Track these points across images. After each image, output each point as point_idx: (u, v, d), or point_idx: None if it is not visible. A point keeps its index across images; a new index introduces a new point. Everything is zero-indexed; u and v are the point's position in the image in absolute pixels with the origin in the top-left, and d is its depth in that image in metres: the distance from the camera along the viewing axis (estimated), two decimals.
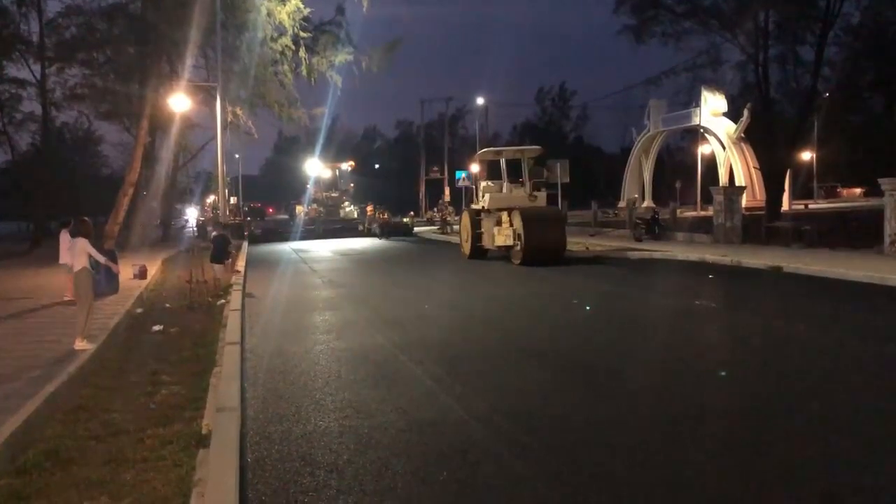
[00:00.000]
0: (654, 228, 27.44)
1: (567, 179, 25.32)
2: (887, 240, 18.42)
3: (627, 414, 6.63)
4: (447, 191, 54.34)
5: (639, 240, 26.72)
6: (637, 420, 6.43)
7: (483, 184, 24.21)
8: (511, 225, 21.17)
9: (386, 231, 37.23)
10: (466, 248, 24.13)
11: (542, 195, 22.55)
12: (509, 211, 21.42)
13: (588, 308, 12.81)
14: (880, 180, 18.91)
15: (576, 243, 25.43)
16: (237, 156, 69.98)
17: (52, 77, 33.42)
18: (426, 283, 18.15)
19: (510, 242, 21.25)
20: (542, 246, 20.21)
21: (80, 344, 9.21)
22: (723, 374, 8.08)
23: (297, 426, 6.43)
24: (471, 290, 16.11)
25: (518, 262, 20.68)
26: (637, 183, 53.31)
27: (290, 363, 8.98)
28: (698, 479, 5.01)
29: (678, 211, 34.67)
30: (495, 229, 22.02)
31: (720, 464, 5.31)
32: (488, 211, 22.61)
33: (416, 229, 40.35)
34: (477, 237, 23.17)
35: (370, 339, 10.39)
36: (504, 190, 23.04)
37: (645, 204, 47.43)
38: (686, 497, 4.71)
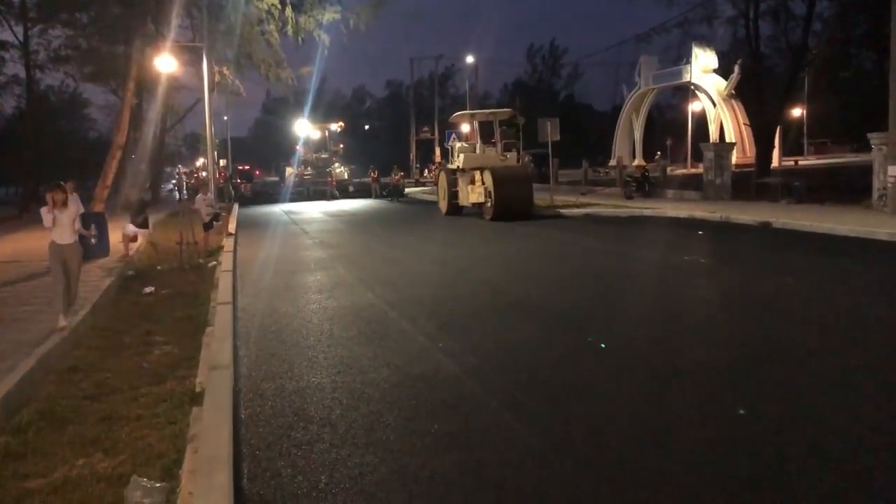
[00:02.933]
0: (644, 186, 27.49)
1: (557, 138, 25.22)
2: (875, 194, 18.51)
3: (617, 367, 6.72)
4: (438, 151, 54.09)
5: (629, 198, 26.78)
6: (626, 373, 6.52)
7: (458, 144, 25.90)
8: (483, 183, 22.72)
9: (391, 192, 37.17)
10: (444, 205, 25.73)
11: (512, 155, 24.17)
12: (481, 170, 22.87)
13: (578, 265, 12.89)
14: (869, 135, 18.94)
15: (567, 202, 25.53)
16: (225, 117, 69.27)
17: (36, 38, 32.92)
18: (414, 240, 18.22)
19: (482, 199, 22.87)
20: (511, 203, 21.67)
21: (60, 320, 8.35)
22: (710, 327, 8.19)
23: (290, 383, 6.50)
24: (458, 248, 16.20)
25: (489, 217, 22.08)
26: (628, 141, 53.09)
27: (282, 322, 9.03)
28: (686, 431, 5.10)
29: (668, 168, 34.69)
30: (469, 187, 23.67)
31: (708, 415, 5.41)
32: (463, 170, 24.05)
33: (406, 190, 40.23)
34: (453, 195, 24.78)
35: (361, 297, 10.45)
36: (477, 150, 24.58)
37: (635, 162, 47.33)
38: (672, 448, 4.80)
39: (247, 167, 66.72)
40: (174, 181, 49.43)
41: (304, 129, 45.66)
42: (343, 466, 4.64)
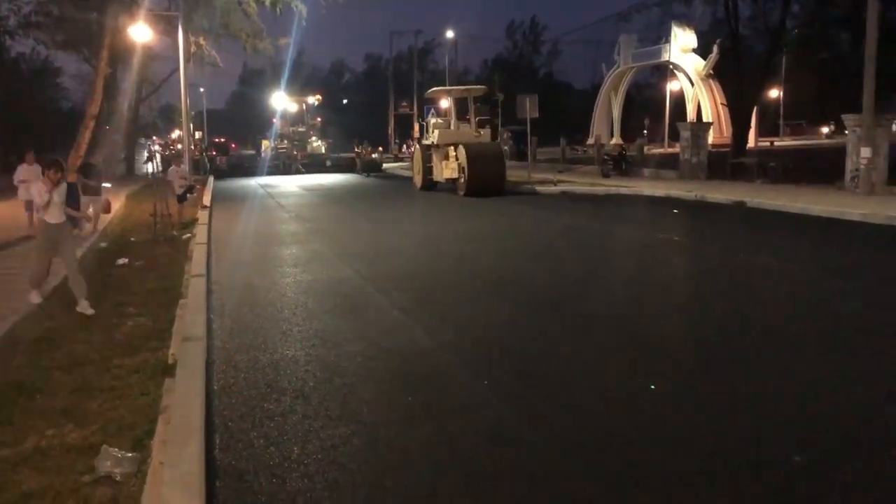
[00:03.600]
0: (621, 165, 27.58)
1: (536, 115, 25.21)
2: (848, 176, 18.72)
3: (589, 341, 6.78)
4: (416, 126, 53.85)
5: (606, 176, 26.86)
6: (598, 347, 6.59)
7: (433, 120, 26.26)
8: (457, 159, 23.12)
9: (364, 167, 36.89)
10: (418, 180, 26.04)
11: (486, 132, 24.71)
12: (456, 146, 23.22)
13: (554, 242, 12.96)
14: (844, 117, 19.12)
15: (544, 180, 25.57)
16: (201, 89, 68.45)
17: (6, 4, 32.15)
18: (390, 215, 18.20)
19: (456, 175, 23.28)
20: (484, 179, 22.02)
21: (33, 297, 8.26)
22: (682, 303, 8.29)
23: (264, 355, 6.49)
24: (434, 223, 16.26)
25: (463, 193, 22.44)
26: (606, 119, 53.17)
27: (256, 295, 9.00)
28: (654, 403, 5.17)
29: (646, 147, 34.81)
30: (443, 163, 24.01)
31: (679, 387, 5.48)
32: (437, 146, 24.32)
33: (385, 165, 40.06)
34: (428, 170, 25.06)
35: (337, 271, 10.43)
36: (452, 126, 24.91)
37: (613, 140, 47.45)
38: (639, 418, 4.87)
39: (222, 140, 65.92)
40: (147, 153, 48.65)
41: (282, 102, 45.19)
42: (316, 438, 4.65)
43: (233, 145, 66.80)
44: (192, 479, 3.83)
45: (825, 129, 63.55)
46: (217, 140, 64.25)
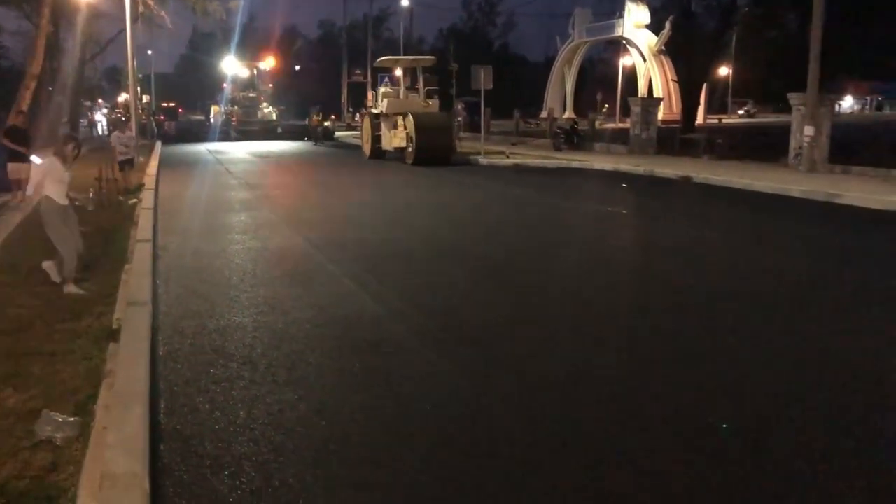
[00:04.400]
0: (573, 138, 27.79)
1: (490, 86, 25.15)
2: (792, 153, 19.17)
3: (537, 309, 6.89)
4: (370, 95, 53.30)
5: (558, 149, 27.06)
6: (548, 315, 6.70)
7: (382, 89, 26.77)
8: (405, 128, 23.45)
9: (313, 135, 36.40)
10: (367, 149, 26.29)
11: (434, 102, 25.12)
12: (404, 116, 23.59)
13: (504, 213, 13.05)
14: (789, 95, 19.52)
15: (497, 152, 25.65)
16: (149, 51, 66.57)
17: None
18: (341, 183, 18.16)
19: (404, 144, 23.61)
20: (431, 148, 22.41)
21: (70, 288, 7.30)
22: (626, 273, 8.46)
23: (211, 321, 6.44)
24: (385, 192, 16.27)
25: (410, 162, 22.77)
26: (559, 93, 53.36)
27: (204, 261, 8.90)
28: (602, 367, 5.29)
29: (597, 122, 35.08)
30: (392, 132, 24.33)
31: (623, 352, 5.61)
32: (386, 115, 24.75)
33: (337, 133, 39.68)
34: (376, 139, 25.46)
35: (287, 238, 10.36)
36: (401, 96, 25.35)
37: (566, 114, 47.68)
38: (587, 386, 4.98)
39: (171, 104, 64.48)
40: (87, 121, 46.98)
41: (232, 66, 44.32)
42: (262, 403, 4.65)
43: (181, 110, 65.36)
44: (135, 442, 3.80)
45: (740, 111, 65.14)
46: (165, 105, 62.78)
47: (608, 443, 4.10)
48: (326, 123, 37.72)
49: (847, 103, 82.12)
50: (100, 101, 62.81)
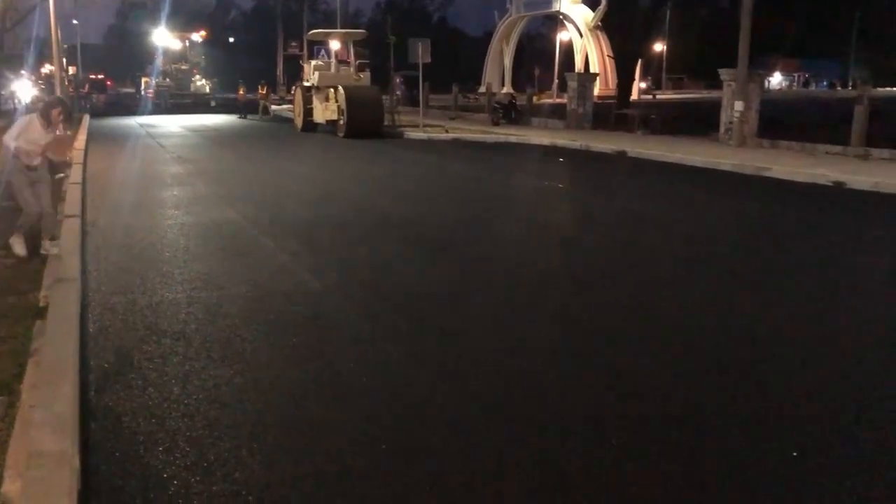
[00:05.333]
0: (511, 113, 27.90)
1: (428, 60, 24.99)
2: (723, 128, 19.64)
3: (473, 281, 6.95)
4: (305, 68, 52.38)
5: (496, 124, 27.13)
6: (483, 287, 6.76)
7: (313, 62, 26.77)
8: (336, 101, 23.69)
9: (243, 109, 35.64)
10: (299, 122, 26.47)
11: (365, 75, 25.29)
12: (335, 88, 23.80)
13: (441, 187, 13.07)
14: (720, 71, 19.95)
15: (435, 126, 25.61)
16: (74, 21, 64.04)
17: None
18: (275, 157, 17.94)
19: (335, 117, 23.86)
20: (362, 121, 22.74)
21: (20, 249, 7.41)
22: (561, 244, 8.59)
23: (143, 297, 6.30)
24: (321, 165, 16.18)
25: (342, 135, 23.07)
26: (498, 68, 53.47)
27: (135, 237, 8.68)
28: (535, 337, 5.38)
29: (535, 97, 35.25)
30: (323, 105, 24.57)
31: (555, 323, 5.71)
32: (318, 88, 24.92)
33: (273, 107, 38.97)
34: (308, 112, 25.69)
35: (221, 213, 10.18)
36: (332, 69, 25.56)
37: (504, 90, 47.80)
38: (521, 353, 5.05)
39: (99, 77, 62.24)
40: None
41: (163, 38, 43.01)
42: (197, 378, 4.59)
43: (109, 83, 63.20)
44: (64, 420, 3.71)
45: (643, 84, 64.91)
46: (94, 77, 60.59)
47: (543, 411, 4.18)
48: (251, 96, 36.90)
49: (776, 80, 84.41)
50: (23, 72, 60.19)
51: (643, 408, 4.23)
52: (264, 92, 36.79)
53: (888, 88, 64.90)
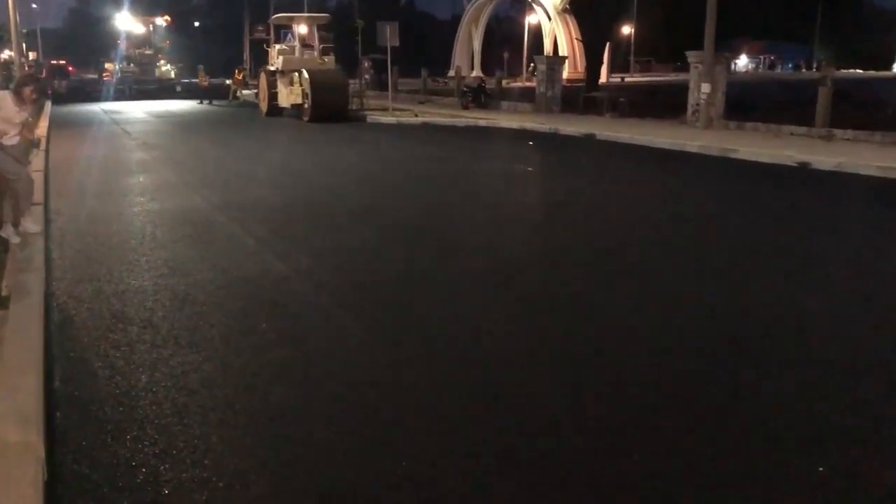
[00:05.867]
0: (480, 97, 27.87)
1: (396, 43, 24.85)
2: (690, 110, 19.80)
3: (444, 264, 6.95)
4: (271, 52, 51.76)
5: (466, 108, 27.09)
6: (454, 271, 6.76)
7: (277, 46, 26.90)
8: (301, 85, 23.93)
9: (204, 94, 35.19)
10: (264, 106, 26.45)
11: (330, 59, 25.42)
12: (299, 73, 23.99)
13: (411, 172, 13.03)
14: (687, 53, 20.09)
15: (404, 110, 25.52)
16: (34, 5, 62.74)
17: None
18: (242, 142, 17.83)
19: (300, 101, 24.04)
20: (327, 105, 22.92)
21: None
22: (535, 228, 8.62)
23: (109, 285, 6.22)
24: (288, 150, 16.07)
25: (307, 119, 23.22)
26: (467, 52, 53.34)
27: (100, 225, 8.55)
28: (507, 323, 5.40)
29: (504, 81, 35.24)
30: (288, 89, 24.67)
31: (529, 309, 5.74)
32: (282, 72, 25.03)
33: (244, 92, 38.51)
34: (273, 96, 25.71)
35: (188, 200, 10.06)
36: (296, 53, 25.67)
37: (474, 73, 47.71)
38: (492, 339, 5.08)
39: (61, 62, 61.06)
40: None
41: (126, 22, 42.26)
42: (165, 366, 4.55)
43: (71, 68, 62.03)
44: (28, 410, 3.66)
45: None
46: (55, 62, 59.42)
47: (513, 390, 4.21)
48: (228, 82, 36.49)
49: (742, 62, 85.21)
50: None
51: (609, 385, 4.27)
52: (240, 77, 36.43)
53: (852, 70, 65.87)
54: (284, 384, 4.32)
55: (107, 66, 41.48)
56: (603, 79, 35.87)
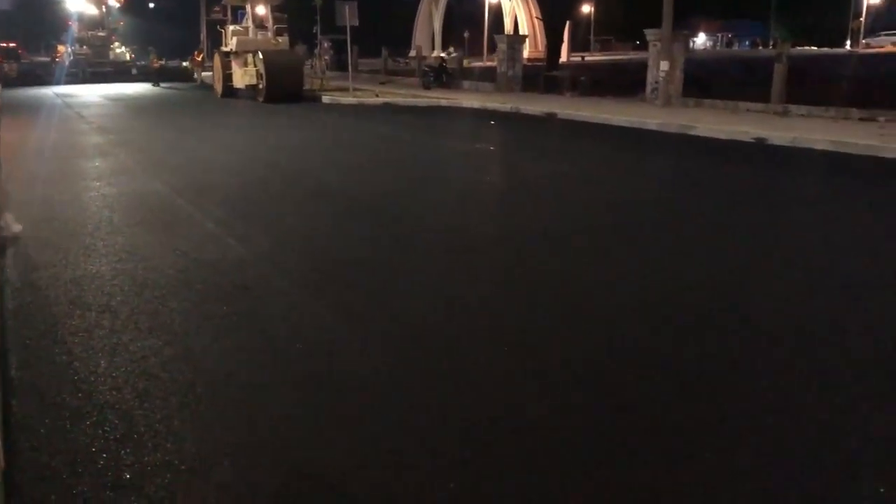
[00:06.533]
0: (441, 77, 27.79)
1: (356, 23, 24.61)
2: (649, 88, 19.96)
3: (407, 244, 6.94)
4: (225, 33, 50.92)
5: (427, 88, 27.02)
6: (418, 251, 6.77)
7: (231, 27, 26.76)
8: (255, 66, 24.02)
9: (160, 77, 34.59)
10: (219, 87, 26.72)
11: (284, 39, 25.51)
12: (254, 53, 24.10)
13: (373, 152, 12.97)
14: (646, 31, 20.22)
15: (365, 90, 25.35)
16: None
17: None
18: (199, 125, 17.65)
19: (254, 82, 24.13)
20: (281, 85, 22.99)
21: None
22: (494, 207, 8.66)
23: (66, 272, 6.11)
24: (245, 132, 15.97)
25: (262, 99, 23.34)
26: (427, 32, 53.03)
27: (55, 210, 8.39)
28: (470, 301, 5.42)
29: (465, 60, 35.13)
30: (242, 70, 24.80)
31: (492, 286, 5.77)
32: (236, 53, 25.13)
33: (204, 74, 37.92)
34: (227, 77, 25.89)
35: (145, 184, 9.91)
36: (250, 34, 25.62)
37: (434, 53, 47.47)
38: (458, 318, 5.10)
39: (11, 44, 59.33)
40: None
41: (78, 3, 41.15)
42: (125, 351, 4.50)
43: (22, 51, 60.37)
44: None
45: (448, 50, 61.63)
46: (4, 45, 57.73)
47: (478, 374, 4.24)
48: (185, 64, 35.89)
49: (700, 40, 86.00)
50: None
51: (573, 359, 4.33)
52: (200, 59, 35.88)
53: (806, 47, 66.85)
54: (247, 367, 4.29)
55: (59, 48, 40.44)
56: (563, 58, 35.93)
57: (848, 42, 74.87)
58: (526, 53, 28.07)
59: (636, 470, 3.22)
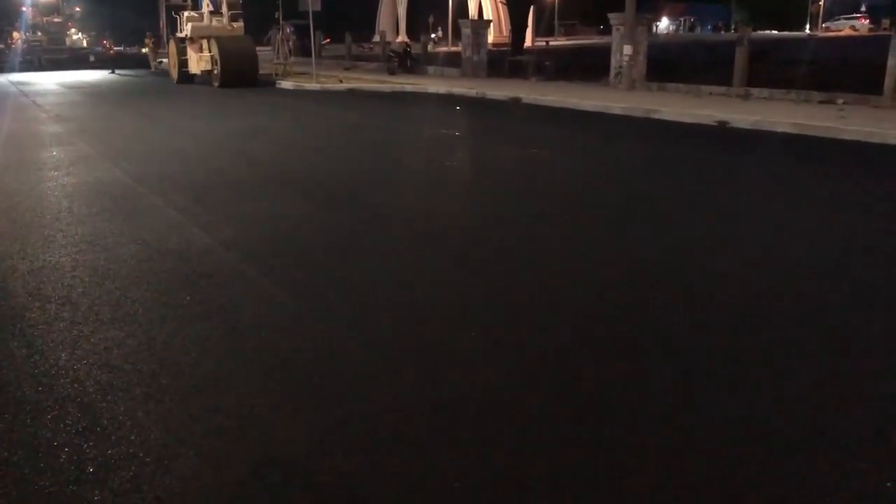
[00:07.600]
0: (407, 62, 27.65)
1: (318, 8, 24.36)
2: (613, 72, 20.04)
3: (373, 230, 6.90)
4: (180, 19, 50.09)
5: (392, 73, 26.86)
6: (384, 237, 6.73)
7: (186, 14, 26.88)
8: (210, 52, 24.35)
9: (117, 65, 33.99)
10: (175, 73, 26.91)
11: (239, 25, 25.48)
12: (209, 39, 24.43)
13: (338, 138, 12.86)
14: (609, 15, 20.28)
15: (329, 76, 25.15)
16: None
17: None
18: (156, 111, 17.31)
19: (209, 67, 24.46)
20: (236, 71, 23.46)
21: None
22: (460, 191, 8.64)
23: (23, 263, 5.98)
24: (206, 119, 15.66)
25: (217, 84, 23.79)
26: (391, 16, 52.64)
27: (11, 200, 8.20)
28: (435, 285, 5.41)
29: (430, 45, 34.99)
30: (198, 56, 25.06)
31: (458, 270, 5.76)
32: (191, 39, 25.32)
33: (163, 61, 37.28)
34: (183, 63, 26.08)
35: (105, 173, 9.72)
36: (205, 20, 25.69)
37: (399, 38, 47.16)
38: (423, 301, 5.08)
39: None
40: None
41: None
42: (86, 343, 4.41)
43: None
44: None
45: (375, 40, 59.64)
46: None
47: (445, 357, 4.23)
48: (144, 50, 35.25)
49: (663, 24, 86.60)
50: None
51: (536, 340, 4.34)
52: (151, 45, 35.25)
53: (768, 31, 67.64)
54: (212, 357, 4.24)
55: (14, 35, 39.47)
56: (528, 42, 35.91)
57: (808, 26, 75.92)
58: (491, 38, 28.05)
59: (602, 449, 3.24)
